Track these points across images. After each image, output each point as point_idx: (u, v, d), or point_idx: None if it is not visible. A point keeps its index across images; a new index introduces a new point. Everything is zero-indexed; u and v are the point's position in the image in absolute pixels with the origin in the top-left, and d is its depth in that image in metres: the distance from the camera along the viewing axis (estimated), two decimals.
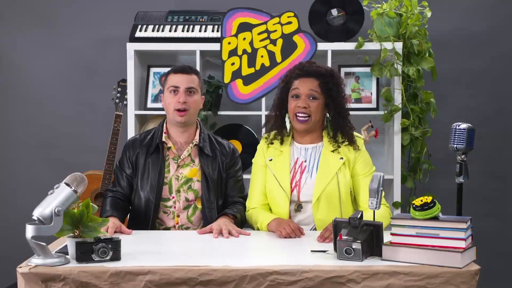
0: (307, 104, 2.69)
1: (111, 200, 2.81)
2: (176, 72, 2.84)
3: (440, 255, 2.00)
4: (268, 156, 2.78)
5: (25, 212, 2.39)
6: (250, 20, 3.68)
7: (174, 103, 2.79)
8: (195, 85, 2.84)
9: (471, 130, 2.57)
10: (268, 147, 2.80)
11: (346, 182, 2.70)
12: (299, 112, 2.70)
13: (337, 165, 2.70)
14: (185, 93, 2.80)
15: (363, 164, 2.75)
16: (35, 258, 2.01)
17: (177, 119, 2.81)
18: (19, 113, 4.12)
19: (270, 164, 2.75)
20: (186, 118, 2.81)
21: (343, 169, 2.71)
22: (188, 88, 2.81)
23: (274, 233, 2.56)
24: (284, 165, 2.73)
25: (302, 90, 2.71)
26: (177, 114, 2.80)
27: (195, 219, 2.84)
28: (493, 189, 4.09)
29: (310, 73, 2.74)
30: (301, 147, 2.78)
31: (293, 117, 2.73)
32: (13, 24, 4.08)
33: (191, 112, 2.82)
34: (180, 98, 2.78)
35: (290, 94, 2.75)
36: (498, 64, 4.07)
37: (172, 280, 1.96)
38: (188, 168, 2.85)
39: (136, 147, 2.88)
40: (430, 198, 2.07)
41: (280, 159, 2.75)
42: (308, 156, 2.75)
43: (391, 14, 3.61)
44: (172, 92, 2.81)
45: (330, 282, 1.97)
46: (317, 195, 2.66)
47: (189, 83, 2.81)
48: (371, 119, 3.77)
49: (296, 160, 2.75)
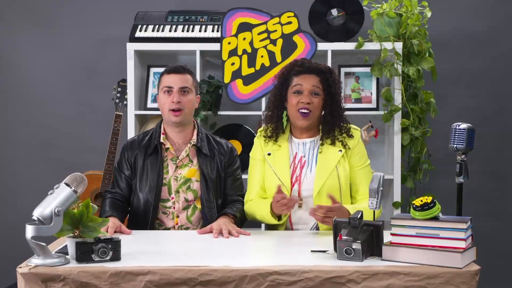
0: (310, 100, 2.70)
1: (110, 201, 2.82)
2: (170, 72, 2.84)
3: (440, 255, 2.00)
4: (267, 151, 2.78)
5: (25, 212, 2.39)
6: (250, 20, 3.68)
7: (168, 103, 2.79)
8: (189, 85, 2.83)
9: (471, 130, 2.57)
10: (266, 141, 2.80)
11: (346, 174, 2.72)
12: (303, 108, 2.70)
13: (336, 158, 2.70)
14: (179, 93, 2.80)
15: (359, 156, 2.77)
16: (35, 258, 2.01)
17: (172, 119, 2.81)
18: (19, 113, 4.12)
19: (268, 158, 2.75)
20: (181, 118, 2.81)
21: (342, 162, 2.72)
22: (181, 88, 2.81)
23: (273, 231, 2.57)
24: (283, 160, 2.74)
25: (305, 86, 2.71)
26: (172, 114, 2.80)
27: (194, 219, 2.84)
28: (493, 189, 4.09)
29: (311, 69, 2.75)
30: (299, 141, 2.78)
31: (295, 113, 2.72)
32: (13, 24, 4.09)
33: (186, 112, 2.82)
34: (174, 98, 2.78)
35: (291, 91, 2.74)
36: (498, 64, 4.07)
37: (172, 280, 1.96)
38: (186, 168, 2.85)
39: (134, 148, 2.88)
40: (430, 198, 2.07)
41: (279, 154, 2.75)
42: (307, 151, 2.76)
43: (391, 14, 3.61)
44: (166, 92, 2.81)
45: (330, 282, 1.97)
46: (317, 189, 2.66)
47: (182, 83, 2.81)
48: (371, 119, 3.77)
49: (295, 155, 2.76)
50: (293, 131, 2.82)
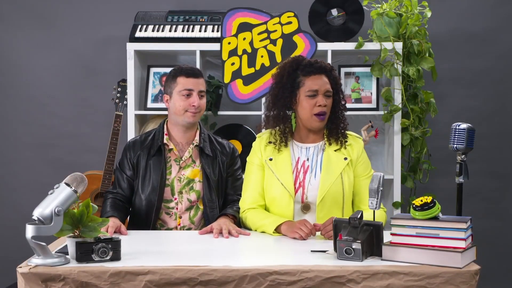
0: (325, 102, 2.63)
1: (111, 202, 2.82)
2: (189, 76, 2.85)
3: (440, 255, 2.00)
4: (267, 156, 2.69)
5: (25, 212, 2.40)
6: (250, 20, 3.68)
7: (187, 105, 2.82)
8: (204, 88, 2.90)
9: (471, 130, 2.57)
10: (266, 146, 2.72)
11: (350, 182, 2.66)
12: (320, 112, 2.62)
13: (341, 165, 2.65)
14: (198, 96, 2.84)
15: (364, 166, 2.71)
16: (35, 258, 2.01)
17: (189, 120, 2.83)
18: (19, 113, 4.12)
19: (270, 163, 2.68)
20: (196, 119, 2.86)
21: (347, 170, 2.66)
22: (200, 91, 2.86)
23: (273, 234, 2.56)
24: (286, 164, 2.66)
25: (320, 88, 2.62)
26: (191, 115, 2.82)
27: (197, 219, 2.85)
28: (493, 189, 4.09)
29: (321, 69, 2.66)
30: (302, 146, 2.71)
31: (310, 116, 2.63)
32: (13, 24, 4.08)
33: (201, 113, 2.89)
34: (195, 101, 2.82)
35: (303, 93, 2.63)
36: (498, 64, 4.07)
37: (172, 280, 1.96)
38: (189, 169, 2.86)
39: (136, 148, 2.88)
40: (430, 198, 2.07)
41: (281, 159, 2.68)
42: (310, 155, 2.69)
43: (391, 14, 3.61)
44: (185, 95, 2.82)
45: (330, 282, 1.97)
46: (321, 196, 2.61)
47: (200, 87, 2.86)
48: (371, 119, 3.77)
49: (298, 159, 2.69)
50: (295, 134, 2.74)
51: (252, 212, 2.69)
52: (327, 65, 2.71)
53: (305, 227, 2.44)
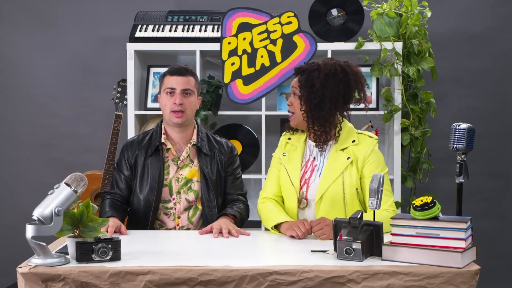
0: None
1: (110, 202, 2.81)
2: (173, 74, 2.84)
3: (440, 255, 2.00)
4: (284, 151, 2.76)
5: (25, 212, 2.40)
6: (250, 20, 3.68)
7: (170, 104, 2.80)
8: (191, 87, 2.83)
9: (471, 130, 2.57)
10: (287, 142, 2.78)
11: (352, 182, 2.63)
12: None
13: (343, 165, 2.64)
14: (181, 95, 2.80)
15: (374, 166, 2.65)
16: (35, 258, 2.01)
17: (173, 120, 2.81)
18: (19, 113, 4.12)
19: (283, 159, 2.73)
20: (183, 120, 2.81)
21: (349, 169, 2.64)
22: (184, 89, 2.81)
23: (272, 232, 2.56)
24: (296, 161, 2.70)
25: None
26: (174, 116, 2.80)
27: (195, 220, 2.84)
28: (493, 189, 4.09)
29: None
30: (314, 145, 2.72)
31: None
32: (13, 24, 4.09)
33: (188, 113, 2.82)
34: (176, 99, 2.79)
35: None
36: (498, 64, 4.07)
37: (172, 280, 1.96)
38: (187, 169, 2.85)
39: (134, 148, 2.88)
40: (430, 198, 2.07)
41: (293, 155, 2.72)
42: (318, 154, 2.71)
43: (391, 14, 3.61)
44: (169, 93, 2.81)
45: (330, 282, 1.97)
46: (320, 194, 2.62)
47: (185, 85, 2.81)
48: (371, 119, 3.77)
49: (309, 157, 2.72)
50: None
51: (267, 203, 2.73)
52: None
53: (303, 226, 2.48)
